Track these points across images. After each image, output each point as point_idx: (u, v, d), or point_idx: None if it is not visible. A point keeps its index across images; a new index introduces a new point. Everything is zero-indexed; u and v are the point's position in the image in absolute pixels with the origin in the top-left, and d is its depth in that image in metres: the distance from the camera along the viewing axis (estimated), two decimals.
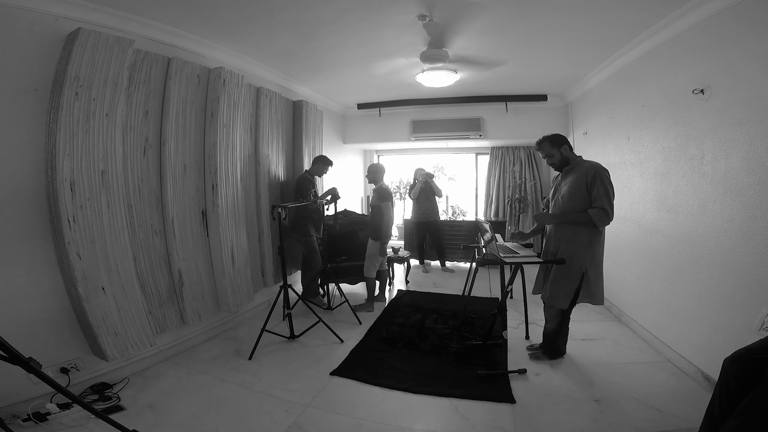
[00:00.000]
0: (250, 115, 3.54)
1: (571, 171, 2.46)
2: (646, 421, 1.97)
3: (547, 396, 2.23)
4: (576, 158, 2.49)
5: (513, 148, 5.87)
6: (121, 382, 2.33)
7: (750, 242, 1.97)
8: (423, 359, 2.69)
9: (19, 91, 1.99)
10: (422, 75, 3.51)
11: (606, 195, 2.28)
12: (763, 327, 1.85)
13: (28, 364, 1.29)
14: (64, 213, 2.04)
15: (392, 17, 2.60)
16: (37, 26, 2.03)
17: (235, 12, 2.48)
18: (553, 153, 2.48)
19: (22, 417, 1.91)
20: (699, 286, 2.35)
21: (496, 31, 2.87)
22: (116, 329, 2.24)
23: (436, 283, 4.75)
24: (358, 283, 4.23)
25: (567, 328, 2.59)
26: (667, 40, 2.62)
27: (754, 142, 1.94)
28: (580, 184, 2.35)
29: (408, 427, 2.01)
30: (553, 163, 2.53)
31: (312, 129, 4.45)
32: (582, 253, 2.37)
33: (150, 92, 2.57)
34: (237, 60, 3.30)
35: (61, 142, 2.03)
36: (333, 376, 2.50)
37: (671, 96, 2.63)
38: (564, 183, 2.49)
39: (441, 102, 5.18)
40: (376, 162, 6.94)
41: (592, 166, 2.37)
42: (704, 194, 2.31)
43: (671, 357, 2.56)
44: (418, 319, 3.43)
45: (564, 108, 4.96)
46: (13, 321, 1.93)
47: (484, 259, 3.01)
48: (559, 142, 2.48)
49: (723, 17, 2.11)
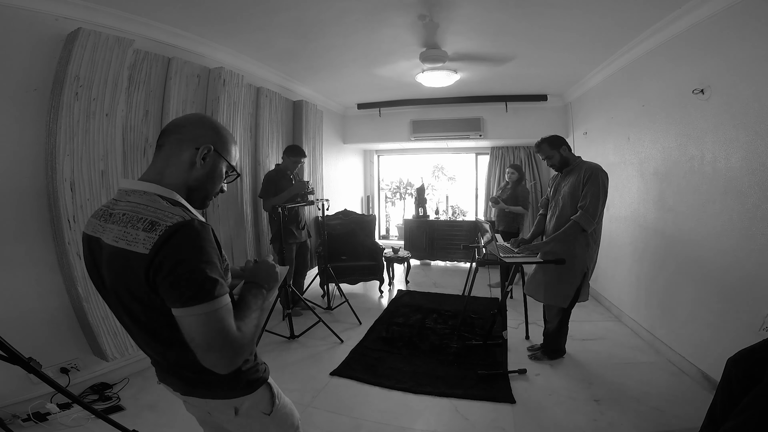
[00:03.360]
0: (250, 115, 3.54)
1: (571, 171, 2.47)
2: (646, 421, 1.97)
3: (547, 396, 2.23)
4: (576, 159, 2.49)
5: (513, 148, 5.86)
6: (121, 382, 2.33)
7: (750, 242, 1.97)
8: (423, 359, 2.69)
9: (19, 91, 1.99)
10: (422, 75, 3.51)
11: (594, 196, 2.29)
12: (763, 327, 1.85)
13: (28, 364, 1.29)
14: (64, 213, 2.04)
15: (392, 17, 2.60)
16: (37, 26, 2.03)
17: (235, 12, 2.48)
18: (553, 154, 2.49)
19: (22, 417, 1.91)
20: (699, 286, 2.35)
21: (496, 31, 2.87)
22: (116, 329, 2.24)
23: (436, 283, 4.75)
24: (358, 283, 4.24)
25: (567, 327, 2.59)
26: (667, 40, 2.62)
27: (754, 142, 1.94)
28: (579, 184, 2.36)
29: (408, 427, 2.01)
30: (553, 164, 2.54)
31: (312, 129, 4.45)
32: (582, 253, 2.38)
33: (150, 92, 2.57)
34: (237, 60, 3.30)
35: (61, 142, 2.03)
36: (333, 376, 2.49)
37: (671, 96, 2.63)
38: (564, 183, 2.50)
39: (441, 102, 5.18)
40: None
41: (591, 166, 2.38)
42: (704, 194, 2.31)
43: (671, 357, 2.56)
44: (418, 319, 3.43)
45: (564, 108, 4.96)
46: (13, 321, 1.93)
47: (484, 259, 3.01)
48: (557, 143, 2.48)
49: (723, 17, 2.11)
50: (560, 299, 2.45)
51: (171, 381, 0.93)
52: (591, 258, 2.41)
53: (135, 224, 0.75)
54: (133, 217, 0.76)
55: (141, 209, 0.77)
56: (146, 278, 0.72)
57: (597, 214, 2.30)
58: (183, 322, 0.72)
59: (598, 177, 2.31)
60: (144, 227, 0.74)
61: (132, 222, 0.76)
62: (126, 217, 0.78)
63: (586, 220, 2.29)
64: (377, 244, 4.48)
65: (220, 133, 0.90)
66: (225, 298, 0.75)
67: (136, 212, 0.77)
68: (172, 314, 0.73)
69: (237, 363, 0.75)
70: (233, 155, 0.93)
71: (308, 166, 4.34)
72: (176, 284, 0.71)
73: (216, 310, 0.72)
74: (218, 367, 0.73)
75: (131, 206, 0.79)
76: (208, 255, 0.75)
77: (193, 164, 0.86)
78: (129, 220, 0.77)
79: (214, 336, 0.72)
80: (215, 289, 0.73)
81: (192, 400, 0.94)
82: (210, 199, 0.93)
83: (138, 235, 0.74)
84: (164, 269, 0.71)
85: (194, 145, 0.85)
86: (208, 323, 0.71)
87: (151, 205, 0.78)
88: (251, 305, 0.86)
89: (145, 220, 0.75)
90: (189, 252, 0.73)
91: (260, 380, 0.96)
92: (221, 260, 0.80)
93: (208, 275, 0.73)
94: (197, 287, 0.71)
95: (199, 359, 0.72)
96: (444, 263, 5.74)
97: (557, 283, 2.45)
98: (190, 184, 0.87)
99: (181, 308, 0.71)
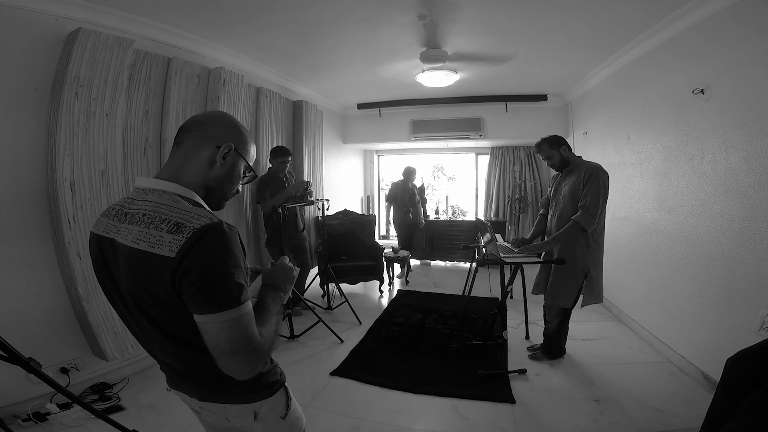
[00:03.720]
0: (250, 115, 3.53)
1: (572, 171, 2.47)
2: (646, 421, 1.97)
3: (547, 396, 2.23)
4: (576, 158, 2.49)
5: (513, 148, 5.86)
6: (121, 382, 2.33)
7: (750, 242, 1.97)
8: (423, 359, 2.69)
9: (19, 91, 1.99)
10: (422, 75, 3.51)
11: (594, 196, 2.29)
12: (763, 327, 1.85)
13: (28, 364, 1.29)
14: (64, 213, 2.04)
15: (392, 17, 2.60)
16: (37, 26, 2.03)
17: (235, 12, 2.48)
18: (553, 154, 2.48)
19: (22, 417, 1.91)
20: (699, 286, 2.35)
21: (497, 31, 2.87)
22: (116, 329, 2.24)
23: (436, 283, 4.75)
24: (358, 283, 4.24)
25: (567, 327, 2.59)
26: (667, 40, 2.62)
27: (754, 142, 1.94)
28: (579, 184, 2.36)
29: (408, 427, 2.01)
30: (553, 164, 2.53)
31: (312, 129, 4.45)
32: (582, 253, 2.38)
33: (150, 92, 2.57)
34: (237, 60, 3.30)
35: (61, 142, 2.03)
36: (333, 376, 2.49)
37: (671, 96, 2.63)
38: (565, 183, 2.49)
39: (441, 102, 5.18)
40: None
41: (591, 166, 2.37)
42: (704, 194, 2.31)
43: (671, 357, 2.56)
44: (418, 319, 3.42)
45: (564, 108, 4.96)
46: (13, 321, 1.93)
47: (484, 259, 3.01)
48: (557, 143, 2.48)
49: (723, 17, 2.11)
50: (561, 300, 2.45)
51: (187, 387, 0.89)
52: (593, 258, 2.40)
53: (158, 225, 0.71)
54: (155, 218, 0.73)
55: (163, 209, 0.74)
56: (171, 282, 0.69)
57: (597, 213, 2.30)
58: (207, 328, 0.69)
59: (598, 177, 2.31)
60: (169, 228, 0.70)
61: (155, 223, 0.72)
62: (147, 217, 0.74)
63: (586, 220, 2.29)
64: (377, 244, 4.48)
65: (241, 132, 0.87)
66: (248, 304, 0.73)
67: (158, 212, 0.73)
68: (191, 318, 0.70)
69: (258, 369, 0.73)
70: (252, 155, 0.90)
71: (308, 166, 4.34)
72: (203, 290, 0.68)
73: (241, 315, 0.70)
74: (240, 374, 0.71)
75: (151, 206, 0.75)
76: (236, 259, 0.72)
77: (213, 163, 0.83)
78: (151, 221, 0.73)
79: (240, 342, 0.69)
80: (242, 295, 0.71)
81: (209, 406, 0.89)
82: (226, 200, 0.90)
83: (162, 236, 0.70)
84: (192, 274, 0.68)
85: (215, 143, 0.83)
86: (233, 329, 0.69)
87: (173, 206, 0.74)
88: (271, 309, 0.84)
89: (170, 221, 0.71)
90: (218, 256, 0.70)
91: (279, 383, 0.94)
92: (245, 264, 0.78)
93: (236, 281, 0.70)
94: (225, 293, 0.69)
95: (219, 365, 0.70)
96: (444, 263, 5.74)
97: (559, 283, 2.45)
98: (208, 183, 0.84)
99: (208, 314, 0.68)
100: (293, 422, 0.99)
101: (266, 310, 0.83)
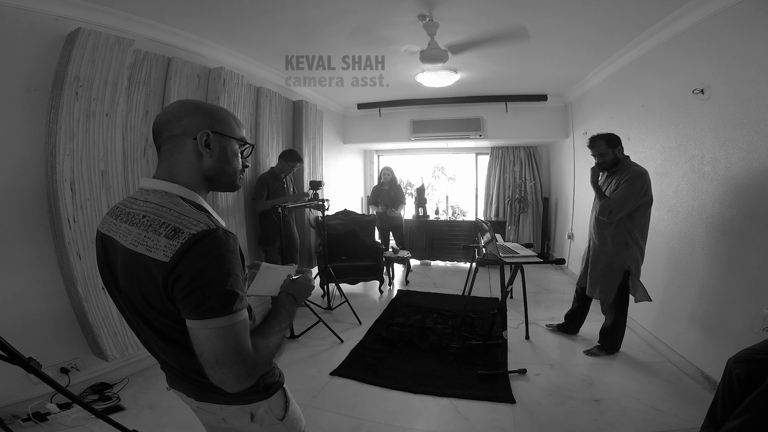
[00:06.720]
0: (250, 115, 3.53)
1: (617, 172, 2.44)
2: (646, 421, 1.97)
3: (547, 396, 2.23)
4: (625, 159, 2.46)
5: (513, 148, 5.86)
6: (121, 382, 2.33)
7: (750, 242, 1.97)
8: (423, 359, 2.69)
9: (19, 91, 1.99)
10: (422, 75, 3.51)
11: (623, 196, 2.30)
12: (764, 327, 1.85)
13: (28, 364, 1.29)
14: (64, 213, 2.04)
15: (392, 17, 2.60)
16: (37, 26, 2.03)
17: (235, 12, 2.48)
18: (608, 152, 2.42)
19: (22, 417, 1.91)
20: (699, 286, 2.35)
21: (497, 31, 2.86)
22: (116, 329, 2.24)
23: (436, 283, 4.75)
24: (358, 283, 4.23)
25: (623, 322, 2.61)
26: (667, 41, 2.62)
27: (754, 142, 1.94)
28: (619, 185, 2.37)
29: (408, 427, 2.01)
30: (603, 162, 2.46)
31: (312, 129, 4.45)
32: (619, 252, 2.42)
33: (150, 92, 2.57)
34: (237, 60, 3.30)
35: (61, 142, 2.03)
36: (333, 376, 2.49)
37: (671, 96, 2.63)
38: (609, 183, 2.47)
39: (441, 102, 5.18)
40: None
41: (636, 170, 2.35)
42: (704, 194, 2.31)
43: (671, 357, 2.56)
44: (418, 319, 3.42)
45: (564, 108, 4.96)
46: (13, 321, 1.93)
47: (484, 259, 3.01)
48: (615, 142, 2.41)
49: (723, 17, 2.11)
50: (602, 294, 2.52)
51: (185, 387, 0.89)
52: (632, 257, 2.41)
53: (157, 229, 0.71)
54: (154, 221, 0.72)
55: (163, 212, 0.73)
56: (164, 287, 0.69)
57: (617, 210, 2.30)
58: (195, 335, 0.68)
59: (635, 182, 2.29)
60: (167, 233, 0.69)
61: (153, 226, 0.71)
62: (147, 219, 0.73)
63: (604, 207, 2.31)
64: (377, 244, 4.49)
65: (211, 113, 0.82)
66: (242, 314, 0.70)
67: (158, 215, 0.73)
68: (185, 322, 0.70)
69: (246, 383, 0.70)
70: (236, 129, 0.85)
71: (308, 166, 4.34)
72: (193, 295, 0.67)
73: (232, 325, 0.68)
74: (226, 385, 0.68)
75: (152, 207, 0.75)
76: (230, 266, 0.70)
77: (200, 154, 0.80)
78: (150, 224, 0.72)
79: (227, 352, 0.67)
80: (234, 303, 0.69)
81: (206, 407, 0.89)
82: (237, 178, 0.87)
83: (159, 241, 0.69)
84: (184, 279, 0.67)
85: (190, 136, 0.79)
86: (220, 338, 0.67)
87: (174, 209, 0.73)
88: (282, 321, 0.83)
89: (168, 226, 0.70)
90: (211, 262, 0.68)
91: (277, 384, 0.93)
92: (243, 272, 0.75)
93: (228, 288, 0.68)
94: (214, 300, 0.67)
95: (207, 374, 0.68)
96: (444, 263, 5.74)
97: (600, 279, 2.52)
98: (207, 174, 0.82)
99: (196, 320, 0.67)
100: (292, 424, 0.98)
101: (276, 321, 0.82)
